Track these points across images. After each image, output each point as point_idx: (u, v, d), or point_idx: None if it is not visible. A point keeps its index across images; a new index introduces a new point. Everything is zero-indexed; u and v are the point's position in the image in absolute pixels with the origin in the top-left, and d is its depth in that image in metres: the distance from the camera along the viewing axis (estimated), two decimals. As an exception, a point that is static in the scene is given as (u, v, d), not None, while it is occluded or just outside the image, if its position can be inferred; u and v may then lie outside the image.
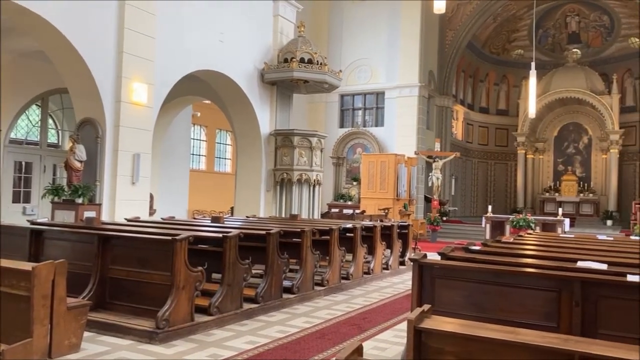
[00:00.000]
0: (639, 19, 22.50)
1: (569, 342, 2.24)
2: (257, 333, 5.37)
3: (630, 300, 3.31)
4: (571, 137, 24.88)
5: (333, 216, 14.79)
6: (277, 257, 6.63)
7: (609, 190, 22.93)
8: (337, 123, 21.23)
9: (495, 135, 26.13)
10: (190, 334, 5.11)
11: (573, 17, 24.62)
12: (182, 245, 5.13)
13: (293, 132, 13.51)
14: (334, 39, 21.04)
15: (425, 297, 3.88)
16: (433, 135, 21.19)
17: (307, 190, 13.61)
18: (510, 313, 3.59)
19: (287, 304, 6.64)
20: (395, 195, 17.59)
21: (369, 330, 5.72)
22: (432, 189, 19.33)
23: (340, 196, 20.56)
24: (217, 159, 23.59)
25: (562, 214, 17.19)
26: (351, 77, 20.58)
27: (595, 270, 3.76)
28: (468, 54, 23.74)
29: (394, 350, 5.01)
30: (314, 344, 5.07)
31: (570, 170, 24.51)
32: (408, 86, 19.65)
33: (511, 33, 25.08)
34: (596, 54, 24.60)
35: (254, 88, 13.41)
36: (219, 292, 5.68)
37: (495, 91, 26.14)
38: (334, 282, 7.87)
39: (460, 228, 19.73)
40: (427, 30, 20.13)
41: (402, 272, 10.01)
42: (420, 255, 4.03)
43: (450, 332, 2.41)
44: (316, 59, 13.50)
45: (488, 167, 26.13)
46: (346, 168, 20.96)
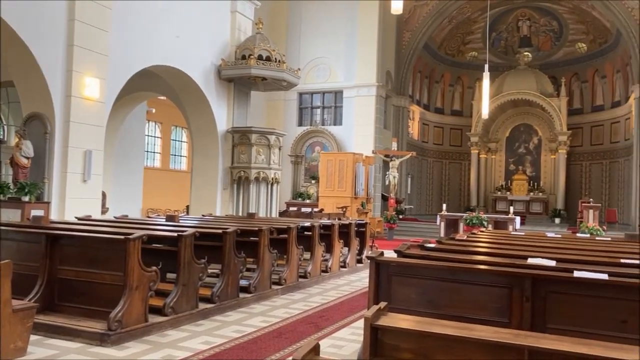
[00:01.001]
0: (585, 25, 23.48)
1: (519, 337, 2.30)
2: (213, 333, 5.29)
3: (576, 295, 3.44)
4: (522, 138, 25.69)
5: (291, 215, 14.75)
6: (234, 256, 6.55)
7: (557, 190, 23.82)
8: (295, 121, 21.21)
9: (450, 135, 26.70)
10: (144, 335, 4.98)
11: (524, 22, 25.43)
12: (136, 244, 5.00)
13: (251, 130, 13.40)
14: (293, 36, 21.00)
15: (382, 294, 3.91)
16: (390, 135, 21.46)
17: (265, 189, 13.53)
18: (464, 309, 3.66)
19: (243, 303, 6.57)
20: (353, 194, 17.72)
21: (326, 328, 5.73)
22: (389, 187, 19.57)
23: (298, 194, 20.55)
24: (172, 156, 23.15)
25: (513, 212, 17.73)
26: (310, 75, 20.60)
27: (545, 267, 3.88)
28: (424, 55, 24.16)
29: (351, 347, 5.04)
30: (271, 343, 5.04)
31: (521, 170, 25.31)
32: (366, 86, 19.84)
33: (466, 35, 25.68)
34: (546, 58, 25.49)
35: (210, 84, 13.21)
36: (174, 292, 5.57)
37: (450, 92, 26.70)
38: (292, 281, 7.85)
39: (416, 226, 20.07)
40: (385, 31, 20.36)
41: (359, 270, 10.08)
42: (377, 253, 4.06)
43: (405, 329, 2.43)
44: (274, 57, 13.43)
45: (443, 166, 26.68)
46: (305, 166, 20.97)
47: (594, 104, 24.23)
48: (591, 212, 16.09)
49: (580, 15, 23.06)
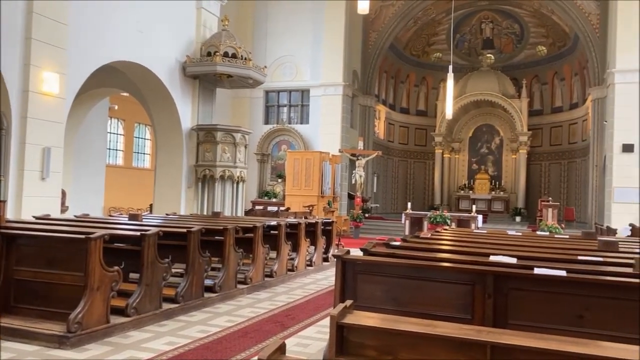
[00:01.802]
0: (545, 29, 24.16)
1: (482, 333, 2.35)
2: (177, 333, 5.22)
3: (536, 291, 3.53)
4: (484, 138, 26.25)
5: (257, 213, 14.66)
6: (199, 255, 6.47)
7: (518, 189, 24.44)
8: (261, 119, 21.11)
9: (414, 135, 27.05)
10: (106, 336, 4.87)
11: (487, 24, 25.98)
12: (97, 244, 4.88)
13: (216, 128, 13.25)
14: (259, 34, 20.88)
15: (348, 292, 3.93)
16: (356, 134, 21.58)
17: (231, 187, 13.40)
18: (429, 306, 3.71)
19: (208, 303, 6.50)
20: (319, 193, 17.75)
21: (292, 327, 5.72)
22: (355, 186, 19.69)
23: (264, 193, 20.45)
24: (135, 154, 22.70)
25: (476, 211, 18.09)
26: (276, 73, 20.52)
27: (506, 264, 3.97)
28: (390, 56, 24.40)
29: (317, 346, 5.04)
30: (236, 342, 5.00)
31: (484, 170, 25.86)
32: (332, 85, 19.89)
33: (430, 37, 26.05)
34: (508, 60, 26.11)
35: (175, 81, 13.00)
36: (136, 292, 5.46)
37: (415, 92, 27.05)
38: (258, 280, 7.81)
39: (382, 224, 20.25)
40: (351, 31, 20.47)
41: (325, 269, 10.11)
42: (343, 251, 4.08)
43: (371, 327, 2.45)
44: (240, 54, 13.32)
45: (408, 165, 27.01)
46: (271, 165, 20.88)
47: (553, 105, 24.96)
48: (550, 210, 16.56)
49: (540, 19, 23.71)
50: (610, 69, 17.37)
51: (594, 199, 19.21)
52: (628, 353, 2.10)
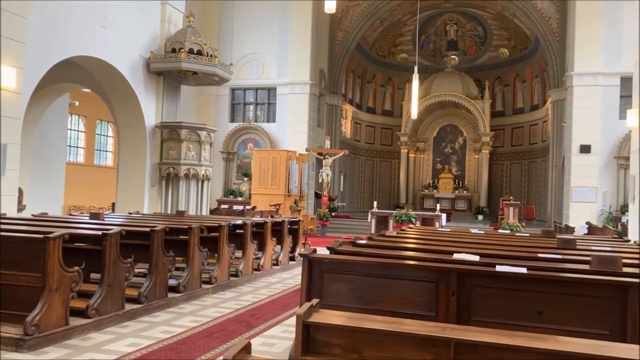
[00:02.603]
0: (507, 31, 24.73)
1: (446, 330, 2.38)
2: (140, 335, 5.11)
3: (498, 288, 3.61)
4: (448, 138, 26.70)
5: (222, 212, 14.52)
6: (162, 255, 6.37)
7: (481, 188, 24.96)
8: (227, 117, 20.90)
9: (381, 135, 27.29)
10: (65, 339, 4.73)
11: (452, 26, 26.42)
12: (56, 244, 4.73)
13: (181, 125, 13.05)
14: (225, 31, 20.67)
15: (314, 291, 3.93)
16: (323, 133, 21.61)
17: (195, 186, 13.22)
18: (394, 304, 3.74)
19: (172, 303, 6.40)
20: (286, 191, 17.70)
21: (258, 326, 5.69)
22: (322, 185, 19.71)
23: (230, 192, 20.26)
24: (97, 151, 22.15)
25: (440, 210, 18.39)
26: (242, 71, 20.36)
27: (469, 262, 4.04)
28: (357, 55, 24.53)
29: (283, 345, 5.03)
30: (201, 343, 4.94)
31: (447, 169, 26.30)
32: (299, 83, 19.86)
33: (396, 37, 26.32)
34: (471, 61, 26.61)
35: (138, 77, 12.74)
36: (98, 292, 5.33)
37: (382, 92, 27.29)
38: (223, 280, 7.73)
39: (348, 223, 20.35)
40: (318, 30, 20.48)
41: (292, 268, 10.09)
42: (310, 250, 4.07)
43: (337, 325, 2.45)
44: (206, 51, 13.15)
45: (374, 164, 27.23)
46: (237, 163, 20.70)
47: (515, 106, 25.58)
48: (511, 209, 16.98)
49: (503, 22, 24.25)
50: (568, 72, 17.91)
51: (553, 198, 19.78)
52: (586, 347, 2.17)
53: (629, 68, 11.44)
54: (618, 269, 3.82)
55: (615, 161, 16.95)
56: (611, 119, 16.92)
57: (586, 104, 17.26)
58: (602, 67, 17.14)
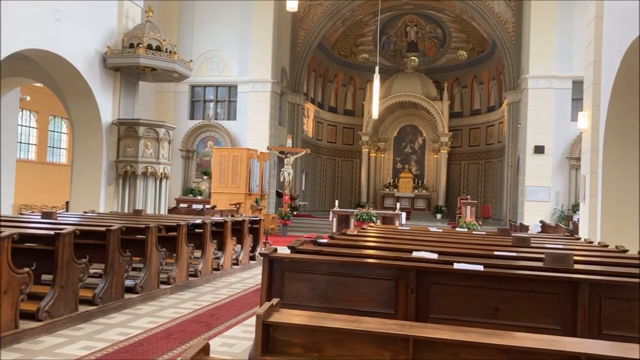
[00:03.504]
0: (466, 34, 25.26)
1: (405, 327, 2.40)
2: (95, 337, 4.97)
3: (456, 285, 3.67)
4: (408, 138, 27.09)
5: (181, 212, 14.28)
6: (119, 255, 6.20)
7: (439, 187, 25.43)
8: (187, 114, 20.56)
9: (342, 134, 27.43)
10: (14, 342, 4.55)
11: (412, 27, 26.79)
12: (4, 244, 4.54)
13: (138, 122, 12.75)
14: (185, 27, 20.33)
15: (275, 291, 3.91)
16: (285, 132, 21.55)
17: (153, 184, 12.95)
18: (354, 302, 3.76)
19: (129, 304, 6.25)
20: (247, 190, 17.56)
21: (217, 327, 5.62)
22: (283, 184, 19.66)
23: (189, 191, 19.95)
24: (50, 148, 21.40)
25: (400, 208, 18.62)
26: (202, 68, 20.08)
27: (428, 260, 4.10)
28: (319, 54, 24.58)
29: (242, 345, 4.99)
30: (159, 344, 4.84)
31: (407, 169, 26.68)
32: (261, 81, 19.74)
33: (358, 37, 26.50)
34: (431, 63, 27.07)
35: (94, 73, 12.37)
36: (49, 294, 5.15)
37: (343, 92, 27.43)
38: (182, 280, 7.61)
39: (310, 222, 20.37)
40: (280, 28, 20.40)
41: (252, 267, 10.03)
42: (271, 249, 4.05)
43: (297, 325, 2.44)
44: (165, 47, 12.89)
45: (336, 163, 27.35)
46: (196, 162, 20.40)
47: (472, 108, 26.17)
48: (468, 208, 17.36)
49: (461, 24, 24.76)
50: (524, 74, 18.46)
51: (508, 197, 20.33)
52: (538, 342, 2.23)
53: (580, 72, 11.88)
54: (569, 266, 3.95)
55: (567, 162, 17.58)
56: (564, 121, 17.54)
57: (540, 106, 17.83)
58: (555, 70, 17.75)
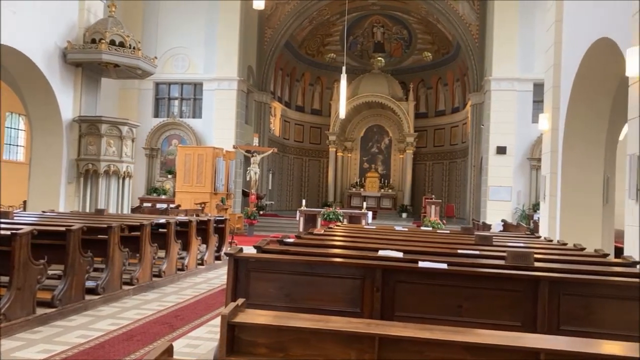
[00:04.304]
0: (431, 36, 25.63)
1: (370, 326, 2.41)
2: (54, 340, 4.82)
3: (421, 284, 3.71)
4: (375, 138, 27.32)
5: (145, 211, 14.01)
6: (79, 255, 6.04)
7: (405, 187, 25.73)
8: (151, 112, 20.19)
9: (310, 133, 27.45)
10: (-33, 348, 4.38)
11: (379, 28, 27.01)
12: (-43, 245, 4.36)
13: (100, 119, 12.45)
14: (150, 24, 19.95)
15: (240, 291, 3.87)
16: (251, 130, 21.41)
17: (116, 183, 12.67)
18: (321, 302, 3.76)
19: (90, 306, 6.10)
20: (212, 190, 17.36)
21: (182, 328, 5.54)
22: (250, 183, 19.52)
23: (153, 190, 19.60)
24: (7, 145, 20.67)
25: (366, 208, 18.76)
26: (167, 65, 19.75)
27: (393, 258, 4.14)
28: (286, 53, 24.51)
29: (207, 346, 4.93)
30: (121, 346, 4.74)
31: (374, 168, 26.90)
32: (227, 79, 19.55)
33: (325, 37, 26.55)
34: (397, 64, 27.36)
35: (54, 68, 12.01)
36: (5, 297, 4.97)
37: (310, 91, 27.44)
38: (145, 281, 7.47)
39: (277, 221, 20.30)
40: (247, 26, 20.25)
41: (217, 267, 9.93)
42: (236, 249, 4.01)
43: (262, 325, 2.43)
44: (129, 43, 12.62)
45: (303, 163, 27.34)
46: (161, 160, 20.05)
47: (437, 109, 26.58)
48: (433, 207, 17.64)
49: (427, 26, 25.10)
50: (487, 76, 18.84)
51: (471, 197, 20.73)
52: (500, 339, 2.28)
53: (541, 75, 12.21)
54: (530, 264, 4.05)
55: (528, 162, 18.04)
56: (525, 123, 17.98)
57: (502, 107, 18.24)
58: (517, 73, 18.18)
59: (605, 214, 9.41)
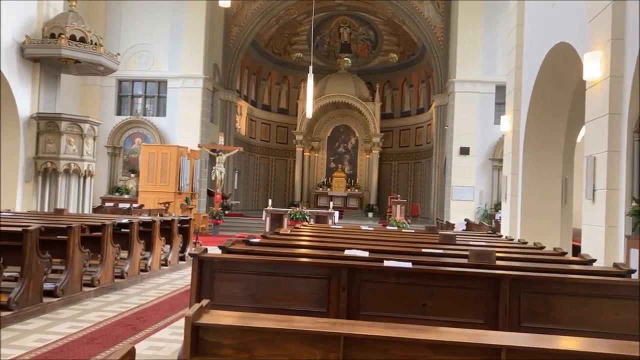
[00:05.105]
0: (397, 37, 25.91)
1: (336, 325, 2.42)
2: (9, 344, 4.66)
3: (386, 283, 3.74)
4: (342, 138, 27.44)
5: (107, 211, 13.71)
6: (37, 256, 5.86)
7: (371, 186, 25.94)
8: (114, 110, 19.74)
9: (276, 133, 27.35)
10: None
11: (345, 29, 27.13)
12: None
13: (60, 117, 12.11)
14: (112, 19, 19.49)
15: (205, 292, 3.82)
16: (217, 129, 21.19)
17: (77, 182, 12.34)
18: (286, 302, 3.75)
19: (48, 308, 5.92)
20: (177, 189, 17.11)
21: (145, 330, 5.44)
22: (215, 182, 19.32)
23: (116, 189, 19.18)
24: (-40, 143, 19.88)
25: (333, 207, 18.83)
26: (131, 62, 19.35)
27: (359, 258, 4.16)
28: (252, 52, 24.35)
29: (171, 347, 4.85)
30: (81, 350, 4.61)
31: (340, 168, 27.01)
32: (192, 77, 19.29)
33: (292, 36, 26.50)
34: (363, 64, 27.54)
35: (11, 63, 11.62)
36: (-43, 301, 4.78)
37: (277, 90, 27.34)
38: (107, 282, 7.30)
39: (242, 221, 20.15)
40: (212, 24, 20.03)
41: (182, 268, 9.79)
42: (201, 249, 3.96)
43: (227, 326, 2.40)
44: (90, 38, 12.32)
45: (269, 162, 27.23)
46: (123, 159, 19.62)
47: (403, 109, 26.88)
48: (398, 207, 17.85)
49: (393, 28, 25.35)
50: (451, 78, 19.17)
51: (435, 197, 21.04)
52: (462, 336, 2.31)
53: (503, 77, 12.50)
54: (492, 262, 4.13)
55: (490, 163, 18.43)
56: (487, 124, 18.37)
57: (466, 109, 18.58)
58: (480, 75, 18.55)
59: (563, 213, 9.71)
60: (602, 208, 6.35)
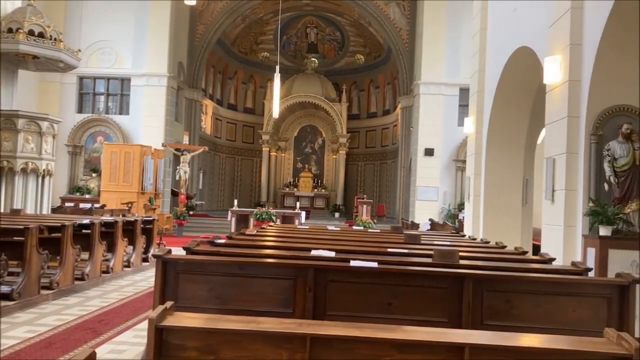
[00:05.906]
0: (363, 39, 26.09)
1: (302, 325, 2.41)
2: (-38, 351, 4.48)
3: (352, 282, 3.76)
4: (308, 138, 27.45)
5: (67, 211, 13.33)
6: (-8, 259, 5.64)
7: (338, 187, 26.04)
8: (74, 107, 19.21)
9: (242, 132, 27.15)
10: None
11: (312, 29, 27.15)
12: None
13: (17, 114, 11.70)
14: (73, 15, 18.97)
15: (169, 293, 3.76)
16: (182, 128, 20.89)
17: (35, 182, 11.95)
18: (252, 303, 3.72)
19: (4, 312, 5.72)
20: (140, 189, 16.78)
21: (106, 333, 5.31)
22: (179, 182, 19.04)
23: (76, 189, 18.68)
24: None
25: (299, 207, 18.82)
26: (92, 58, 18.88)
27: (326, 258, 4.17)
28: (218, 50, 24.11)
29: (134, 351, 4.75)
30: (38, 355, 4.47)
31: (307, 168, 27.01)
32: (156, 75, 18.96)
33: (258, 35, 26.36)
34: (330, 65, 27.62)
35: (-35, 58, 11.17)
36: None
37: (243, 89, 27.14)
38: (66, 284, 7.10)
39: (207, 222, 19.92)
40: (177, 21, 19.74)
41: (145, 269, 9.61)
42: (165, 250, 3.89)
43: (191, 327, 2.37)
44: (49, 34, 11.96)
45: (235, 162, 27.00)
46: (85, 158, 19.13)
47: (369, 110, 27.08)
48: (365, 207, 17.98)
49: (359, 29, 25.51)
50: (416, 80, 19.42)
51: (401, 197, 21.28)
52: (427, 335, 2.34)
53: (467, 80, 12.74)
54: (456, 261, 4.21)
55: (454, 164, 18.76)
56: (451, 126, 18.69)
57: (430, 110, 18.86)
58: (444, 78, 18.85)
59: (524, 213, 9.97)
60: (560, 208, 6.55)
